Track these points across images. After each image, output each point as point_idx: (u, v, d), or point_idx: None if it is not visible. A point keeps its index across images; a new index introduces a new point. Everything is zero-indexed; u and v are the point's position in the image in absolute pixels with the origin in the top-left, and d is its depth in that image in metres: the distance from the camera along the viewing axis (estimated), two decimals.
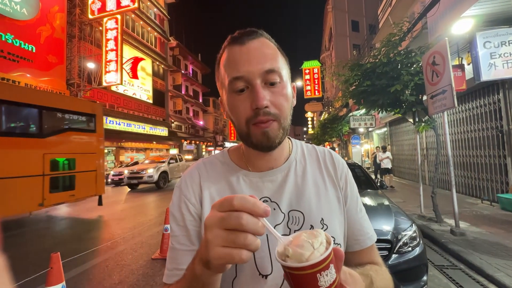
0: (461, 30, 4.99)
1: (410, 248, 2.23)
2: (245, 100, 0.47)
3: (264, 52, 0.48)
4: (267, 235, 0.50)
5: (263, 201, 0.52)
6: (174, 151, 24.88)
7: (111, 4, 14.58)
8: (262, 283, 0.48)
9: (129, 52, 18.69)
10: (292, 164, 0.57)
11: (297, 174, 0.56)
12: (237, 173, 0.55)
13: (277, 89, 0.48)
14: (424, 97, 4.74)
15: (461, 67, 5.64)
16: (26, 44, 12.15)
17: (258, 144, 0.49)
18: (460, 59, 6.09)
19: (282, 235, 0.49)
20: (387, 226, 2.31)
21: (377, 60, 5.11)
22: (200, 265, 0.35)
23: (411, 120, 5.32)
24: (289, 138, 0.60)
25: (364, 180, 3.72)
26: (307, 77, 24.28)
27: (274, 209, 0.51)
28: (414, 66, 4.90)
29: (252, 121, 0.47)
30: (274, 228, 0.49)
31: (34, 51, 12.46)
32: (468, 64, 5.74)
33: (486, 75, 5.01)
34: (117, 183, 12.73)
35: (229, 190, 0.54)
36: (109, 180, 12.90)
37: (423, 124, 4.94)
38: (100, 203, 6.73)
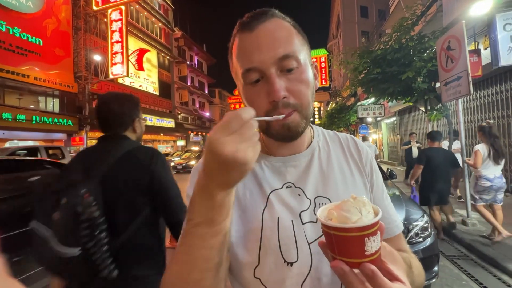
0: (480, 11, 4.71)
1: (421, 239, 2.20)
2: (261, 92, 0.44)
3: (276, 37, 0.43)
4: (292, 221, 0.47)
5: (287, 187, 0.50)
6: (181, 143, 25.14)
7: None
8: (287, 270, 0.45)
9: (134, 43, 18.64)
10: (315, 150, 0.54)
11: (321, 160, 0.53)
12: (258, 158, 0.52)
13: (295, 75, 0.44)
14: (437, 84, 4.56)
15: (477, 52, 5.37)
16: (34, 37, 12.24)
17: (279, 137, 0.47)
18: (476, 43, 5.80)
19: (308, 222, 0.49)
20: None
21: (388, 47, 4.93)
22: (209, 177, 0.34)
23: (422, 108, 5.16)
24: (309, 124, 0.58)
25: None
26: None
27: (299, 195, 0.49)
28: (428, 51, 4.71)
29: (271, 115, 0.44)
30: (300, 214, 0.49)
31: (41, 44, 12.56)
32: (485, 49, 5.47)
33: (505, 60, 4.76)
34: None
35: (251, 175, 0.51)
36: None
37: (435, 112, 4.79)
38: None
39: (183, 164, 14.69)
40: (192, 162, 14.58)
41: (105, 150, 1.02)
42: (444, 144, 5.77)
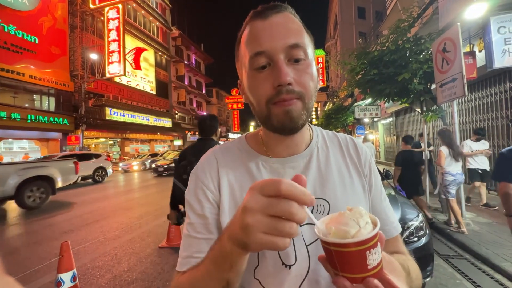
0: (475, 14, 4.77)
1: (416, 238, 2.23)
2: (267, 78, 0.44)
3: (289, 27, 0.44)
4: None
5: None
6: (178, 143, 25.05)
7: None
8: (285, 273, 0.45)
9: (131, 42, 18.53)
10: (314, 151, 0.54)
11: (319, 161, 0.53)
12: (256, 160, 0.52)
13: (302, 67, 0.44)
14: (433, 86, 4.61)
15: (472, 54, 5.44)
16: (29, 35, 12.11)
17: (280, 126, 0.45)
18: (471, 45, 5.88)
19: (306, 224, 0.48)
20: None
21: (385, 48, 4.96)
22: (231, 243, 0.33)
23: (418, 109, 5.21)
24: (308, 125, 0.57)
25: None
26: None
27: None
28: (424, 53, 4.75)
29: (273, 100, 0.43)
30: None
31: (37, 42, 12.42)
32: (480, 51, 5.54)
33: (499, 62, 4.83)
34: None
35: (248, 177, 0.51)
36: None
37: (430, 113, 4.84)
38: None
39: (165, 166, 12.72)
40: None
41: (203, 145, 2.00)
42: (472, 146, 4.59)
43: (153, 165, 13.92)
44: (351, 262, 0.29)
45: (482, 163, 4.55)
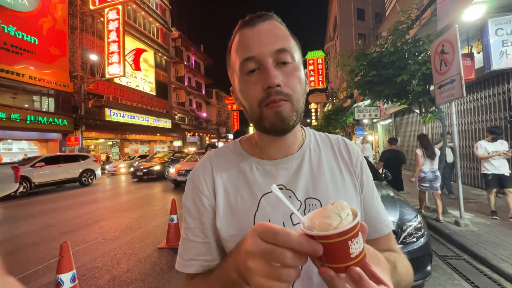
0: (473, 16, 4.81)
1: (414, 239, 2.24)
2: (257, 82, 0.46)
3: (275, 33, 0.47)
4: (283, 223, 0.49)
5: (278, 189, 0.51)
6: (178, 143, 25.04)
7: None
8: None
9: (131, 43, 18.55)
10: (306, 152, 0.56)
11: (312, 162, 0.55)
12: (249, 162, 0.54)
13: (289, 69, 0.47)
14: (432, 87, 4.64)
15: (470, 55, 5.47)
16: (29, 36, 12.12)
17: (272, 128, 0.47)
18: (469, 47, 5.91)
19: (299, 223, 0.49)
20: (392, 217, 2.31)
21: (384, 49, 4.98)
22: (237, 275, 0.37)
23: (417, 110, 5.23)
24: (301, 127, 0.59)
25: None
26: (311, 67, 23.96)
27: (290, 197, 0.51)
28: (422, 55, 4.77)
29: (264, 102, 0.46)
30: (290, 216, 0.50)
31: (36, 43, 12.43)
32: (478, 53, 5.57)
33: (497, 64, 4.85)
34: None
35: (242, 178, 0.53)
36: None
37: (429, 114, 4.86)
38: None
39: (145, 170, 11.29)
40: (157, 168, 11.48)
41: None
42: (488, 147, 4.05)
43: (131, 168, 12.08)
44: (335, 253, 0.31)
45: (500, 167, 3.90)
